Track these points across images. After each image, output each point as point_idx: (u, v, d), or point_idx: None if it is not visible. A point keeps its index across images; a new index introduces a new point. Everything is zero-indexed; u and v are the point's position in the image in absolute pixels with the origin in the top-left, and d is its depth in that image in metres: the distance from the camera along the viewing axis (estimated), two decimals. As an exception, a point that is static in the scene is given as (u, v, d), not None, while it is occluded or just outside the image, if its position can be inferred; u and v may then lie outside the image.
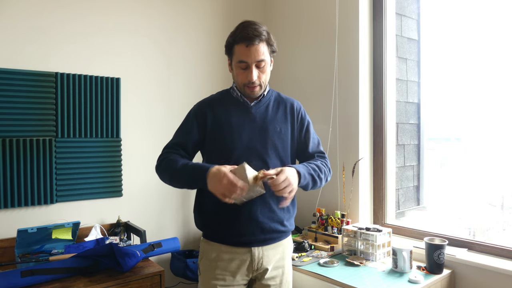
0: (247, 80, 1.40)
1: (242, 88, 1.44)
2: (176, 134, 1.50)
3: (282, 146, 1.47)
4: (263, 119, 1.47)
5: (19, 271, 1.57)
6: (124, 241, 2.13)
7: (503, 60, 2.11)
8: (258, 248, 1.44)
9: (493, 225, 2.27)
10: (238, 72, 1.42)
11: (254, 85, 1.41)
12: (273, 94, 1.55)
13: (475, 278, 1.84)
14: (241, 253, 1.43)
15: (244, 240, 1.42)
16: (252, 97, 1.46)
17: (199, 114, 1.49)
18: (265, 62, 1.40)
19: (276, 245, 1.48)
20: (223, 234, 1.44)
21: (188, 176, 1.33)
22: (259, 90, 1.44)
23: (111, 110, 2.28)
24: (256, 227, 1.41)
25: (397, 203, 2.47)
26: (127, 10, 2.36)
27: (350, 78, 2.33)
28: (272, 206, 1.44)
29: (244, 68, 1.40)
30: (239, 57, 1.38)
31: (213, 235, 1.47)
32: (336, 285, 1.74)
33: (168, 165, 1.38)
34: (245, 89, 1.43)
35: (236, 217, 1.40)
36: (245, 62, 1.38)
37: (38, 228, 1.88)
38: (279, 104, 1.53)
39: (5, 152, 1.96)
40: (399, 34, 2.49)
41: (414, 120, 2.59)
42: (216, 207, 1.41)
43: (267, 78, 1.46)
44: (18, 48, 2.01)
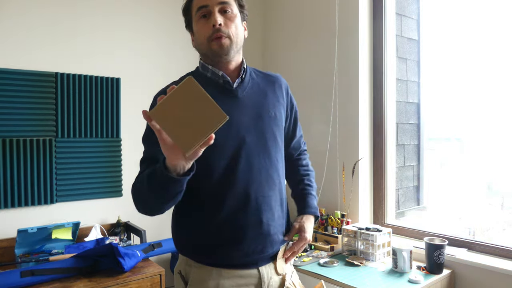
0: (210, 29, 1.08)
1: (209, 50, 1.11)
2: (144, 149, 1.14)
3: (280, 136, 1.21)
4: (254, 103, 1.16)
5: (19, 271, 1.57)
6: (124, 241, 2.13)
7: (503, 60, 2.11)
8: (266, 266, 1.16)
9: (493, 225, 2.27)
10: (199, 26, 1.12)
11: (221, 34, 1.08)
12: (251, 71, 1.23)
13: (475, 278, 1.84)
14: (248, 276, 1.13)
15: (252, 260, 1.13)
16: (223, 54, 1.10)
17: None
18: (231, 9, 1.12)
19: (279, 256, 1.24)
20: (225, 255, 1.11)
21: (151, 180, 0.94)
22: (229, 44, 1.10)
23: (111, 110, 2.28)
24: (267, 241, 1.14)
25: (397, 203, 2.47)
26: (127, 10, 2.36)
27: (350, 78, 2.33)
28: (279, 214, 1.19)
29: (205, 15, 1.10)
30: (198, 4, 1.11)
31: (209, 257, 1.12)
32: (336, 285, 1.74)
33: (136, 192, 1.05)
34: (211, 46, 1.10)
35: (243, 230, 1.10)
36: (205, 6, 1.10)
37: (38, 228, 1.88)
38: (265, 82, 1.23)
39: (5, 152, 1.96)
40: (399, 34, 2.49)
41: (414, 120, 2.59)
42: (214, 217, 1.09)
43: (239, 34, 1.13)
44: (18, 48, 2.01)
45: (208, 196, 1.10)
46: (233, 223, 1.10)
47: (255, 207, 1.11)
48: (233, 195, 1.09)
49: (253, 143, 1.12)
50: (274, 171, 1.17)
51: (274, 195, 1.16)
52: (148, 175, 0.95)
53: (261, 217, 1.12)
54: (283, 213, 1.21)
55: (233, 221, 1.09)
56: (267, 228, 1.13)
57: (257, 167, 1.12)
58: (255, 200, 1.11)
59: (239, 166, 1.09)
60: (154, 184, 0.92)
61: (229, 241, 1.10)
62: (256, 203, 1.11)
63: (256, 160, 1.12)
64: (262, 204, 1.13)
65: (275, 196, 1.16)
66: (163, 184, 0.89)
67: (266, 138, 1.15)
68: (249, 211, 1.10)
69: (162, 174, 0.87)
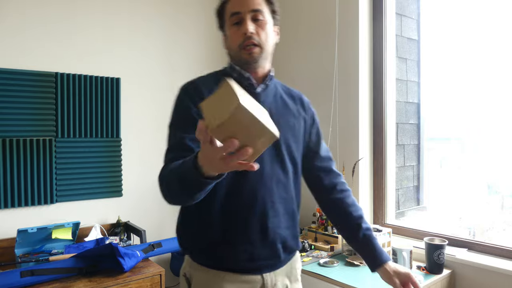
0: (242, 37, 1.10)
1: (239, 56, 1.13)
2: (171, 134, 1.12)
3: (296, 146, 1.20)
4: (275, 110, 1.16)
5: (19, 271, 1.57)
6: (124, 241, 2.13)
7: (503, 60, 2.11)
8: (270, 274, 1.14)
9: (493, 225, 2.27)
10: (231, 32, 1.13)
11: (252, 42, 1.10)
12: (277, 82, 1.26)
13: (475, 278, 1.84)
14: (251, 282, 1.12)
15: (256, 266, 1.12)
16: (252, 62, 1.13)
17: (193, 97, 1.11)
18: (263, 16, 1.13)
19: (287, 267, 1.21)
20: (228, 257, 1.11)
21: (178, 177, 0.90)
22: (259, 53, 1.12)
23: (111, 110, 2.28)
24: (272, 248, 1.13)
25: (397, 203, 2.47)
26: (127, 10, 2.36)
27: (350, 78, 2.33)
28: (288, 223, 1.17)
29: (237, 22, 1.12)
30: (231, 9, 1.13)
31: (212, 258, 1.12)
32: (336, 285, 1.74)
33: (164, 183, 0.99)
34: (241, 54, 1.12)
35: (247, 234, 1.09)
36: (238, 13, 1.11)
37: (38, 228, 1.88)
38: (287, 94, 1.26)
39: (5, 152, 1.96)
40: (399, 34, 2.49)
41: (414, 120, 2.59)
42: (221, 219, 1.09)
43: (269, 41, 1.15)
44: (19, 48, 2.01)
45: (217, 197, 1.09)
46: (238, 225, 1.09)
47: (261, 212, 1.11)
48: (241, 198, 1.09)
49: (267, 149, 1.09)
50: (287, 179, 1.16)
51: (284, 204, 1.15)
52: (179, 172, 0.90)
53: (266, 223, 1.11)
54: (293, 224, 1.19)
55: (238, 224, 1.09)
56: (273, 235, 1.12)
57: (269, 174, 1.12)
58: (262, 205, 1.11)
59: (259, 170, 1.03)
60: (184, 181, 0.87)
61: (233, 243, 1.09)
62: (263, 208, 1.11)
63: (268, 166, 1.12)
64: (269, 210, 1.12)
65: (286, 204, 1.15)
66: (194, 185, 0.84)
67: (281, 146, 1.15)
68: (254, 216, 1.10)
69: (194, 175, 0.81)
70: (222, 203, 1.09)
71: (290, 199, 1.18)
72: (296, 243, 1.22)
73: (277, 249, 1.14)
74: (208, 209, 1.10)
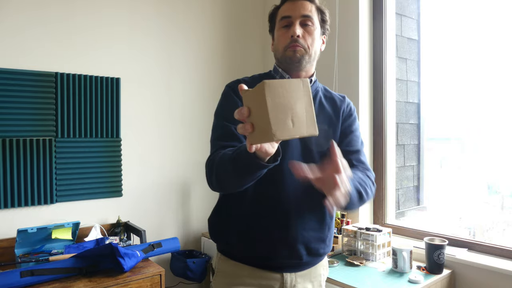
0: (288, 38, 1.15)
1: (283, 56, 1.17)
2: (218, 124, 1.16)
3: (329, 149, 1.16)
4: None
5: (19, 271, 1.57)
6: (124, 241, 2.13)
7: (503, 60, 2.11)
8: (291, 274, 1.16)
9: (493, 225, 2.27)
10: (279, 34, 1.19)
11: (297, 44, 1.14)
12: (320, 86, 1.30)
13: (475, 278, 1.84)
14: (271, 279, 1.15)
15: (276, 264, 1.15)
16: (295, 62, 1.16)
17: (237, 92, 1.16)
18: (312, 22, 1.17)
19: (311, 271, 1.21)
20: (251, 252, 1.15)
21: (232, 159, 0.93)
22: (303, 54, 1.16)
23: (111, 110, 2.28)
24: (294, 249, 1.14)
25: (397, 203, 2.47)
26: (127, 10, 2.36)
27: (350, 78, 2.33)
28: (315, 226, 1.17)
29: (287, 25, 1.17)
30: (282, 13, 1.19)
31: (236, 252, 1.18)
32: (336, 285, 1.74)
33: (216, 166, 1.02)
34: (286, 53, 1.16)
35: (269, 231, 1.13)
36: (288, 16, 1.16)
37: (38, 228, 1.88)
38: (328, 98, 1.27)
39: (5, 152, 1.96)
40: (399, 34, 2.49)
41: (414, 120, 2.59)
42: (249, 215, 1.14)
43: (315, 47, 1.19)
44: (18, 48, 2.01)
45: (247, 193, 1.12)
46: (261, 222, 1.13)
47: (285, 211, 1.13)
48: (267, 197, 1.12)
49: (298, 149, 1.15)
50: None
51: (312, 205, 1.14)
52: (232, 158, 0.92)
53: (288, 222, 1.13)
54: (320, 227, 1.18)
55: (262, 221, 1.13)
56: (294, 235, 1.13)
57: (295, 181, 1.09)
58: (286, 204, 1.13)
59: (282, 166, 1.04)
60: (239, 167, 0.91)
61: (256, 239, 1.13)
62: (287, 208, 1.13)
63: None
64: (293, 210, 1.13)
65: (313, 207, 1.15)
66: (250, 169, 0.88)
67: (313, 151, 1.16)
68: (278, 214, 1.13)
69: (248, 157, 0.85)
70: (250, 200, 1.13)
71: (318, 203, 1.08)
72: (322, 247, 1.20)
73: (298, 249, 1.14)
74: (237, 204, 1.14)
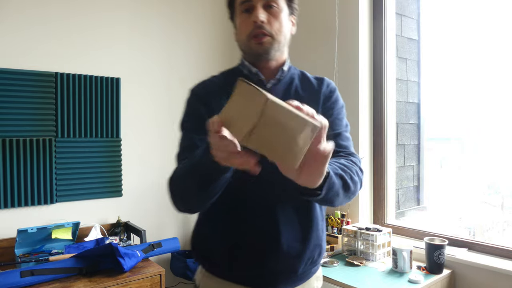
0: (251, 25, 0.99)
1: (248, 46, 1.02)
2: (183, 137, 1.05)
3: None
4: None
5: (19, 271, 1.57)
6: (124, 241, 2.13)
7: (503, 60, 2.11)
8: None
9: (493, 225, 2.27)
10: (240, 21, 1.03)
11: (262, 31, 0.98)
12: (296, 73, 1.14)
13: (475, 278, 1.84)
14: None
15: (268, 279, 1.01)
16: (262, 53, 1.01)
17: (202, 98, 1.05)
18: (276, 3, 1.01)
19: (304, 286, 1.07)
20: (238, 269, 1.02)
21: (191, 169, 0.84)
22: (270, 44, 1.00)
23: (111, 110, 2.28)
24: (289, 259, 1.00)
25: (397, 203, 2.47)
26: (127, 10, 2.36)
27: (350, 78, 2.33)
28: (312, 224, 1.04)
29: (248, 9, 1.01)
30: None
31: (221, 269, 1.04)
32: (336, 285, 1.74)
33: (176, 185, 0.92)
34: (250, 44, 1.01)
35: (261, 243, 0.99)
36: (249, 0, 1.00)
37: (38, 228, 1.88)
38: (306, 84, 1.12)
39: (5, 152, 1.96)
40: (399, 34, 2.48)
41: (414, 120, 2.59)
42: (235, 229, 1.01)
43: (283, 32, 1.03)
44: (18, 48, 2.01)
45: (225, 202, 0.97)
46: (247, 235, 1.00)
47: (271, 220, 0.99)
48: (248, 205, 1.00)
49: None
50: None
51: (300, 210, 1.02)
52: (191, 164, 0.82)
53: (278, 233, 0.99)
54: (312, 231, 1.03)
55: (248, 233, 0.99)
56: (286, 247, 0.99)
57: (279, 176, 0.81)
58: (272, 213, 0.99)
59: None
60: (197, 171, 0.80)
61: (241, 255, 0.99)
62: (274, 216, 0.99)
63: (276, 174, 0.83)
64: (280, 218, 0.99)
65: (302, 210, 1.02)
66: (208, 173, 0.77)
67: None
68: (264, 224, 0.99)
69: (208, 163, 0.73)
70: (229, 209, 1.00)
71: (307, 204, 1.03)
72: (318, 253, 1.06)
73: (292, 262, 1.01)
74: (217, 216, 1.02)
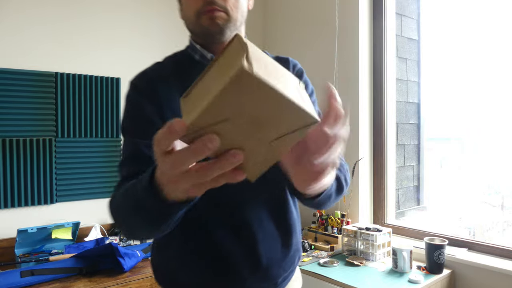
0: (201, 0, 0.82)
1: (197, 25, 0.85)
2: (125, 143, 0.89)
3: None
4: None
5: (19, 271, 1.57)
6: (124, 241, 2.13)
7: (503, 60, 2.11)
8: None
9: (493, 225, 2.27)
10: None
11: (215, 8, 0.82)
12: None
13: (475, 278, 1.84)
14: None
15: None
16: (215, 33, 0.85)
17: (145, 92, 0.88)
18: None
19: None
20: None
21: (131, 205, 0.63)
22: (225, 21, 0.84)
23: (111, 110, 2.28)
24: (270, 274, 0.90)
25: (397, 203, 2.47)
26: (127, 10, 2.36)
27: (350, 78, 2.33)
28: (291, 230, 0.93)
29: None
30: None
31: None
32: (336, 285, 1.74)
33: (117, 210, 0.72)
34: (200, 21, 0.84)
35: (238, 265, 0.86)
36: None
37: (38, 228, 1.88)
38: None
39: (5, 152, 1.96)
40: (399, 34, 2.49)
41: (414, 120, 2.59)
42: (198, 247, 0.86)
43: (240, 7, 0.86)
44: (18, 48, 2.01)
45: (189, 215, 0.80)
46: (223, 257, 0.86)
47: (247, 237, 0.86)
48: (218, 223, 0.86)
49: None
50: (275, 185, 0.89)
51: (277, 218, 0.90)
52: (132, 198, 0.62)
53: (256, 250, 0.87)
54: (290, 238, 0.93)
55: (223, 254, 0.86)
56: (267, 263, 0.88)
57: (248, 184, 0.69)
58: (248, 229, 0.87)
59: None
60: (139, 210, 0.60)
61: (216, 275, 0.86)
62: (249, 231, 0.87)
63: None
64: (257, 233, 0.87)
65: (279, 218, 0.91)
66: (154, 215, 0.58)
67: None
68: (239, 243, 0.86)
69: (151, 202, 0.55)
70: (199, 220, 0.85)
71: (284, 210, 0.92)
72: (298, 259, 0.98)
73: (273, 274, 0.90)
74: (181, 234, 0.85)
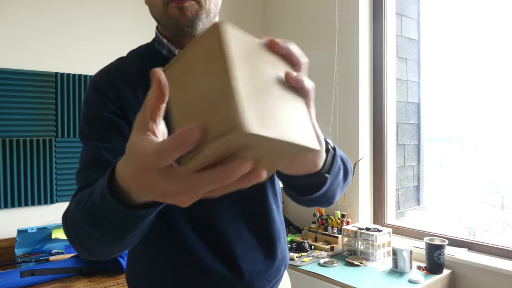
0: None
1: (165, 16, 0.76)
2: (82, 152, 0.77)
3: None
4: None
5: (19, 271, 1.57)
6: (124, 241, 2.13)
7: (503, 60, 2.11)
8: None
9: (493, 225, 2.27)
10: None
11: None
12: None
13: (475, 278, 1.84)
14: None
15: None
16: (185, 25, 0.75)
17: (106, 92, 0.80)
18: None
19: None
20: None
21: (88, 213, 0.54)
22: (196, 11, 0.73)
23: (111, 110, 2.28)
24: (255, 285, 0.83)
25: (397, 203, 2.47)
26: (127, 10, 2.36)
27: (350, 78, 2.33)
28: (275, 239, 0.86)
29: None
30: None
31: None
32: (336, 285, 1.74)
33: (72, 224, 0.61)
34: (168, 11, 0.75)
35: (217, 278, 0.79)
36: None
37: (38, 228, 1.88)
38: None
39: (5, 152, 1.96)
40: (399, 34, 2.49)
41: (414, 120, 2.59)
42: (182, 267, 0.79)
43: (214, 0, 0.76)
44: (19, 48, 2.01)
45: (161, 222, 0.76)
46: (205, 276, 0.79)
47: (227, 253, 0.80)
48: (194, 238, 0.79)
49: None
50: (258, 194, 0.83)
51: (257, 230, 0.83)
52: (89, 203, 0.54)
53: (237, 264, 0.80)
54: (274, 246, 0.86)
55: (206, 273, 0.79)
56: (249, 276, 0.80)
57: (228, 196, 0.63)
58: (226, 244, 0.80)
59: None
60: (95, 217, 0.52)
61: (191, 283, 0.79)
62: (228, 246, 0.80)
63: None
64: (236, 247, 0.80)
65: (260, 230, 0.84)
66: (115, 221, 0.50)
67: None
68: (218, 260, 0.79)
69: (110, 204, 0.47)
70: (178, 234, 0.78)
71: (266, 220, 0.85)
72: (284, 267, 0.91)
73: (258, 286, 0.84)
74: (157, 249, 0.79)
